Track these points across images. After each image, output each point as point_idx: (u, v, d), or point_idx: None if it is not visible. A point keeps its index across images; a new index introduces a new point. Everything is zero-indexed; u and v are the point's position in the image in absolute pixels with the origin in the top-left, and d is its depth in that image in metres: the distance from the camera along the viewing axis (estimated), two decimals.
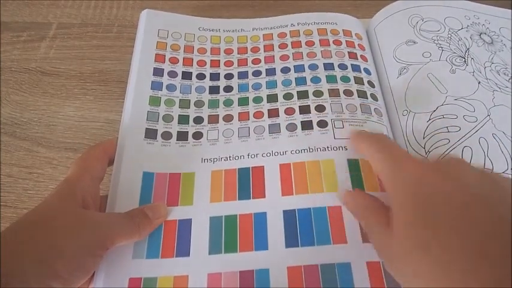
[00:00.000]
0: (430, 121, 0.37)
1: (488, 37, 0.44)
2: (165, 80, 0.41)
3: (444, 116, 0.37)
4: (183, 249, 0.31)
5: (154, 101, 0.39)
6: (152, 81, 0.40)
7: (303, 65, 0.42)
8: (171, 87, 0.40)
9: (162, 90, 0.40)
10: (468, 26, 0.44)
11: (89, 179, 0.30)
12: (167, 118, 0.38)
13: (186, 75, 0.42)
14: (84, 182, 0.30)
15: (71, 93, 0.45)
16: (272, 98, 0.39)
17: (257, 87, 0.40)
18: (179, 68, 0.42)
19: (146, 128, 0.37)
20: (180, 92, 0.40)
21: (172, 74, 0.41)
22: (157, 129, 0.37)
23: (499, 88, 0.39)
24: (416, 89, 0.39)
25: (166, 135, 0.37)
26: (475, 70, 0.40)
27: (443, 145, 0.35)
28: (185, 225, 0.32)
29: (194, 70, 0.42)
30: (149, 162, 0.35)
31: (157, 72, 0.41)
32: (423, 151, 0.35)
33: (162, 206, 0.32)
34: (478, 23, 0.45)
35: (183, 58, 0.43)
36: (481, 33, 0.44)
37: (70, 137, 0.41)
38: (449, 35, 0.43)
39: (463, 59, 0.40)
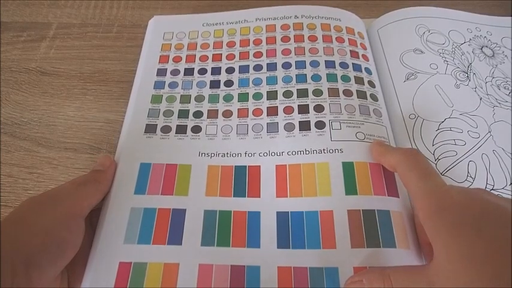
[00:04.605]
0: (438, 131, 0.37)
1: (489, 50, 0.44)
2: (168, 78, 0.41)
3: (451, 129, 0.37)
4: (176, 238, 0.31)
5: (156, 99, 0.39)
6: (155, 81, 0.41)
7: (305, 61, 0.41)
8: (172, 85, 0.41)
9: (164, 88, 0.40)
10: (470, 39, 0.45)
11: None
12: (167, 113, 0.38)
13: (188, 72, 0.42)
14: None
15: (71, 93, 0.45)
16: (272, 95, 0.39)
17: (257, 82, 0.40)
18: (182, 66, 0.42)
19: (146, 124, 0.38)
20: (182, 88, 0.40)
21: (175, 72, 0.42)
22: (157, 124, 0.38)
23: (499, 103, 0.40)
24: (425, 97, 0.40)
25: (166, 129, 0.37)
26: (477, 86, 0.41)
27: (452, 156, 0.36)
28: (179, 215, 0.32)
29: (196, 66, 0.42)
30: (147, 154, 0.35)
31: (161, 72, 0.42)
32: (432, 157, 0.36)
33: (106, 156, 0.35)
34: (479, 36, 0.45)
35: (186, 55, 0.43)
36: (482, 47, 0.44)
37: (70, 137, 0.41)
38: (453, 49, 0.43)
39: (466, 74, 0.41)
